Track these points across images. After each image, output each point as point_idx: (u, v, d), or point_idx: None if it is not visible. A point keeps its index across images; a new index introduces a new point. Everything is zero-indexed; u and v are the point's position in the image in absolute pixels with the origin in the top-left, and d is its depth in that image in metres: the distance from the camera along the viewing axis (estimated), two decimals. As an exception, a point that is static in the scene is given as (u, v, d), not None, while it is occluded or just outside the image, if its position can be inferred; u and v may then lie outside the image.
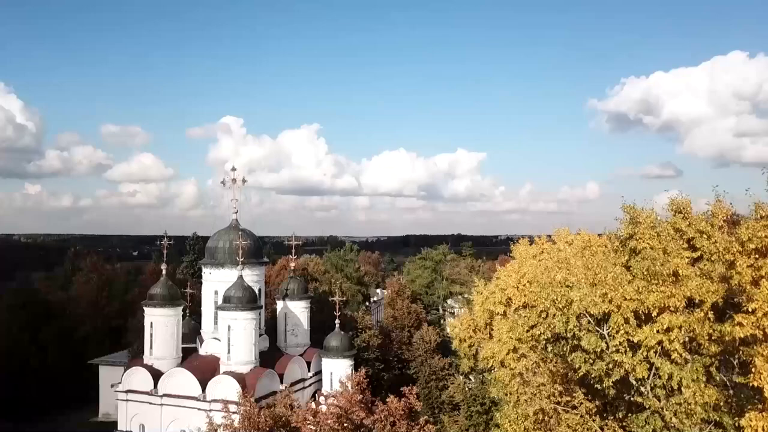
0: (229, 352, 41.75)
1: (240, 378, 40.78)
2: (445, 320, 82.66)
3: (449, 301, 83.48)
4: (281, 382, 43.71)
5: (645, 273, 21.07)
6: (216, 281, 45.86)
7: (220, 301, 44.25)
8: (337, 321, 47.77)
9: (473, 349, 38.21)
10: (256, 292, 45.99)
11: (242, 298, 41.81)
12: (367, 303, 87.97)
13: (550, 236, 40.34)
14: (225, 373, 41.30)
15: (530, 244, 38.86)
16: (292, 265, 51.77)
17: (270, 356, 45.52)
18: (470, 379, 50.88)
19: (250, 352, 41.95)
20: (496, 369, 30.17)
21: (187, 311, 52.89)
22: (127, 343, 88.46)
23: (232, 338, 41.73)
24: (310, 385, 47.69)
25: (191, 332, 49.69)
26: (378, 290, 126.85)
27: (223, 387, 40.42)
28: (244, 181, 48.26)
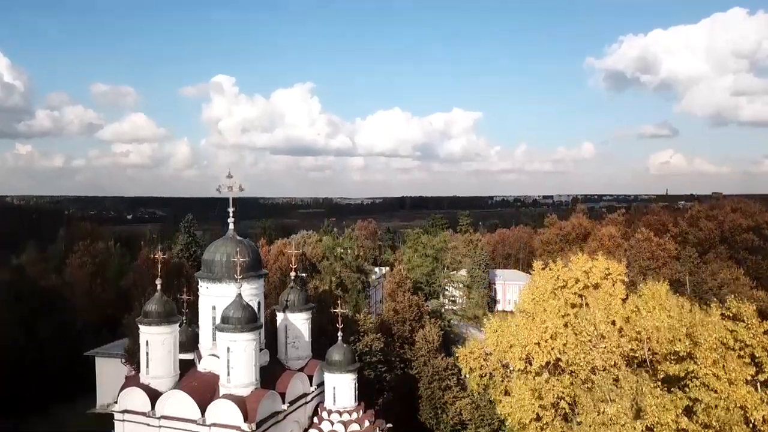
0: (228, 375, 40.20)
1: (240, 401, 39.38)
2: (446, 309, 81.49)
3: (450, 289, 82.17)
4: (283, 402, 42.45)
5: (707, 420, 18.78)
6: (214, 296, 44.00)
7: (218, 318, 42.61)
8: (339, 334, 46.31)
9: (485, 379, 36.63)
10: (256, 307, 44.22)
11: (241, 319, 40.02)
12: (367, 290, 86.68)
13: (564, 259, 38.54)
14: (225, 396, 39.85)
15: (543, 269, 36.95)
16: (293, 274, 49.56)
17: (271, 372, 44.04)
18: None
19: (250, 374, 40.42)
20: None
21: (185, 319, 51.36)
22: (122, 333, 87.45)
23: (231, 360, 40.11)
24: (312, 399, 46.45)
25: (189, 341, 48.17)
26: (377, 269, 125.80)
27: (223, 411, 39.10)
28: (241, 188, 46.11)
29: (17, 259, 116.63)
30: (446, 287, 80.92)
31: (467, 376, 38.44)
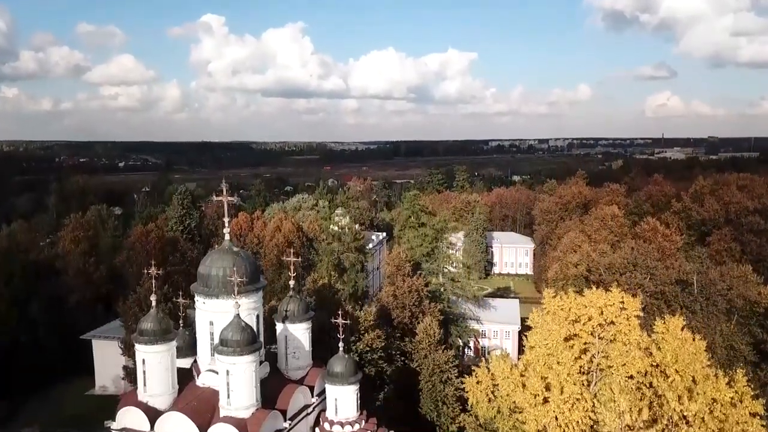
0: (228, 397, 39.23)
1: (241, 425, 38.59)
2: (446, 290, 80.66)
3: (450, 268, 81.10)
4: (284, 419, 41.74)
5: None
6: (211, 311, 42.55)
7: (216, 333, 41.37)
8: (340, 344, 45.25)
9: (492, 411, 35.65)
10: (255, 320, 42.98)
11: (240, 341, 38.68)
12: (366, 271, 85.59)
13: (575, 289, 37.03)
14: (225, 419, 39.00)
15: (554, 296, 35.47)
16: (291, 282, 47.96)
17: (271, 385, 43.10)
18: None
19: (251, 396, 39.46)
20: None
21: (182, 323, 50.09)
22: (117, 311, 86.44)
23: (231, 383, 39.05)
24: (313, 409, 45.80)
25: (187, 346, 47.10)
26: (374, 236, 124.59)
27: (224, 434, 38.37)
28: (236, 195, 43.93)
29: (7, 227, 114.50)
30: (445, 267, 79.73)
31: (472, 405, 37.50)
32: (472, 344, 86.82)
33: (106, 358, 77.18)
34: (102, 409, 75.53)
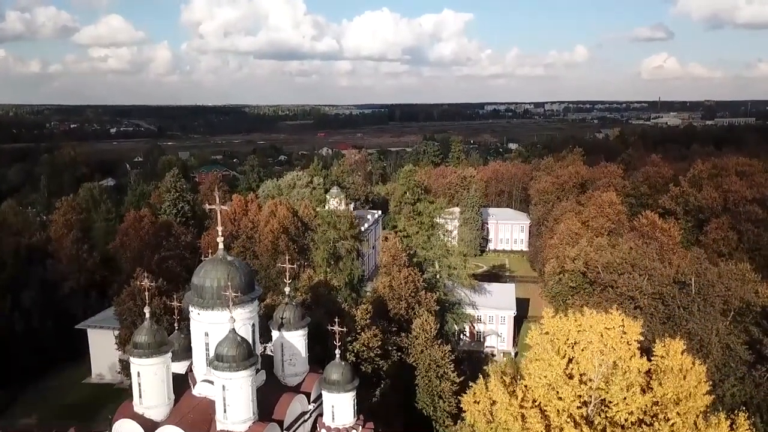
0: (225, 411, 39.02)
1: (238, 439, 38.51)
2: (442, 277, 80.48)
3: (446, 258, 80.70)
4: (282, 430, 41.69)
5: None
6: (206, 323, 41.97)
7: (211, 344, 41.01)
8: (337, 351, 44.99)
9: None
10: (251, 331, 42.54)
11: (236, 357, 38.21)
12: (361, 258, 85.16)
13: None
14: (221, 433, 38.90)
15: (554, 316, 34.99)
16: (287, 289, 47.33)
17: (268, 394, 42.86)
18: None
19: (248, 409, 39.23)
20: None
21: (176, 326, 49.70)
22: (111, 298, 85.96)
23: (227, 398, 38.76)
24: (310, 416, 45.82)
25: (182, 349, 46.80)
26: (369, 216, 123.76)
27: (221, 449, 38.31)
28: (226, 204, 42.97)
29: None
30: (443, 257, 79.38)
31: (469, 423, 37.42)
32: (467, 329, 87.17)
33: (102, 347, 77.16)
34: (99, 398, 76.45)
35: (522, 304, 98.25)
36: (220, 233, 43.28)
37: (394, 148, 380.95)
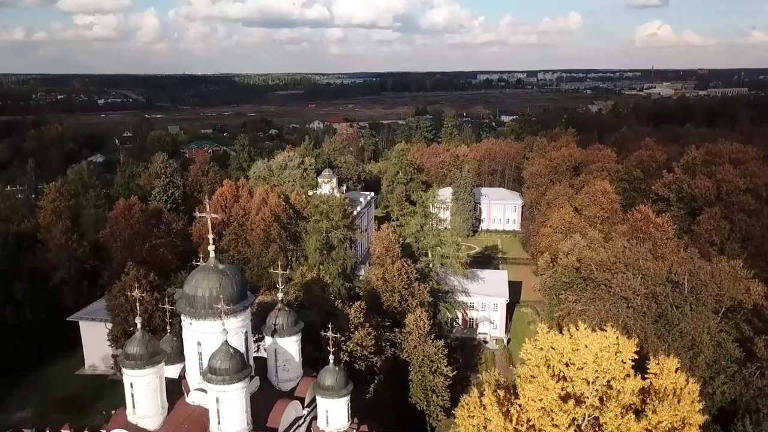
0: (219, 423, 39.02)
1: (233, 450, 38.59)
2: (435, 265, 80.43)
3: (439, 248, 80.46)
4: (276, 438, 41.86)
5: None
6: (198, 332, 41.68)
7: (204, 354, 40.89)
8: (331, 357, 44.94)
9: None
10: (243, 339, 42.37)
11: (230, 370, 38.04)
12: (354, 243, 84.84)
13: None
14: (216, 444, 38.95)
15: (547, 332, 34.70)
16: (280, 295, 46.99)
17: (262, 401, 42.90)
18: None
19: (242, 420, 39.24)
20: None
21: (169, 330, 49.34)
22: (103, 287, 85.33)
23: (221, 410, 38.75)
24: (305, 420, 45.99)
25: (175, 352, 46.62)
26: (361, 198, 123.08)
27: (215, 460, 38.40)
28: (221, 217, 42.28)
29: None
30: (437, 246, 79.14)
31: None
32: (460, 316, 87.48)
33: (95, 339, 76.72)
34: (93, 390, 76.44)
35: (514, 288, 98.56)
36: (211, 241, 42.66)
37: (386, 120, 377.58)
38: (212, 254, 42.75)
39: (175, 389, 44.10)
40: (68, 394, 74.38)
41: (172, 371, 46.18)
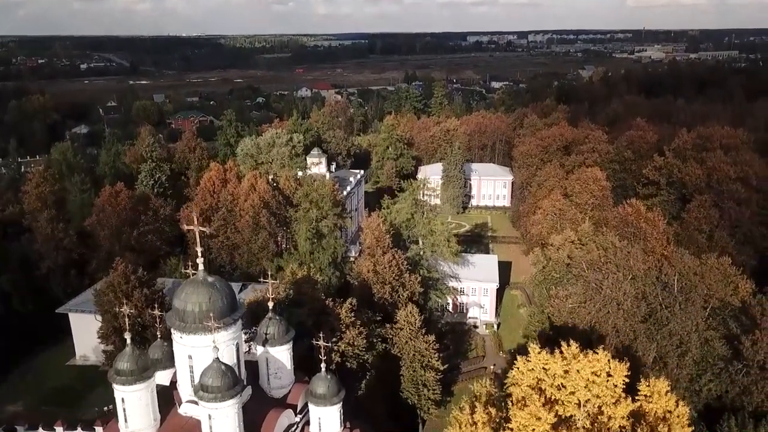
0: (212, 439, 39.13)
1: (226, 465, 38.79)
2: (425, 253, 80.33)
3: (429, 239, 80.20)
4: (269, 448, 42.08)
5: None
6: (189, 346, 41.38)
7: (195, 367, 40.77)
8: (322, 365, 44.94)
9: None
10: (234, 351, 42.16)
11: (221, 387, 37.91)
12: (345, 235, 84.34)
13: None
14: (209, 460, 39.08)
15: (539, 352, 34.66)
16: (270, 304, 46.62)
17: (255, 409, 42.97)
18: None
19: (234, 434, 39.40)
20: None
21: (159, 335, 48.99)
22: (90, 277, 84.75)
23: (213, 426, 38.77)
24: (297, 427, 46.25)
25: (165, 357, 46.41)
26: (352, 178, 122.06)
27: (209, 475, 38.59)
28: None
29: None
30: (426, 236, 78.87)
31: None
32: (450, 301, 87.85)
33: (85, 330, 76.36)
34: (85, 381, 76.44)
35: (504, 269, 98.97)
36: (199, 254, 41.96)
37: (375, 86, 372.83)
38: (201, 267, 42.07)
39: (167, 398, 44.08)
40: (59, 386, 74.35)
41: (164, 377, 46.03)
